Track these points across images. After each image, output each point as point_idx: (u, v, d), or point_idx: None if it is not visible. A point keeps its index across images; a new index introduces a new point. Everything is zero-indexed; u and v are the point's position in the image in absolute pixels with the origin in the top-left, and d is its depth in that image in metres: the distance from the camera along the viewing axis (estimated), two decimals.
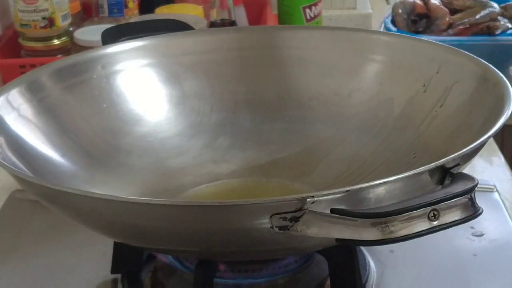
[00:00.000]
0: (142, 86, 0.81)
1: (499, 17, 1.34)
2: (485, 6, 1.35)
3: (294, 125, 0.81)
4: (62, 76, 0.77)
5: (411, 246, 0.71)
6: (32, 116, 0.72)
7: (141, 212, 0.54)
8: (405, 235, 0.50)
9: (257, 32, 0.87)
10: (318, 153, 0.79)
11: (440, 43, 0.79)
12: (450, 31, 1.33)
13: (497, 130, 0.60)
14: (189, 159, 0.79)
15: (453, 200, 0.51)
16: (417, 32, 1.34)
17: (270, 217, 0.52)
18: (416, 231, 0.50)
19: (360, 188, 0.53)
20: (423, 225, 0.50)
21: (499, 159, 0.92)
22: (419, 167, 0.55)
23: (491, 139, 0.86)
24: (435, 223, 0.51)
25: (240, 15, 1.22)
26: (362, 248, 0.72)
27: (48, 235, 0.79)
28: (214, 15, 1.10)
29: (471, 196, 0.52)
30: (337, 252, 0.64)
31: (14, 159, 0.65)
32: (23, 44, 1.16)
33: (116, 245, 0.69)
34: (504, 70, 0.78)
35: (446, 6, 1.37)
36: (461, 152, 0.57)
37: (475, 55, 0.73)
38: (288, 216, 0.52)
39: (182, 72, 0.82)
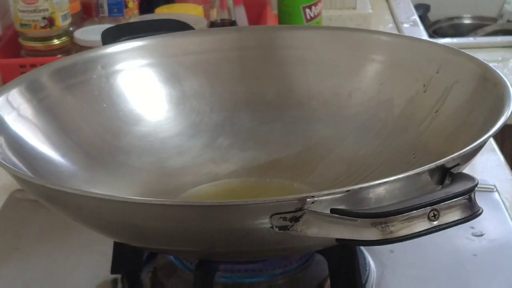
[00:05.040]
0: (142, 86, 0.81)
1: None
2: None
3: (294, 125, 0.81)
4: (62, 76, 0.77)
5: (411, 246, 0.71)
6: (32, 116, 0.72)
7: (141, 212, 0.54)
8: (405, 235, 0.50)
9: (257, 32, 0.87)
10: (318, 153, 0.79)
11: (440, 43, 0.79)
12: None
13: (497, 130, 0.60)
14: (189, 159, 0.79)
15: (453, 200, 0.51)
16: None
17: (270, 217, 0.52)
18: (416, 231, 0.50)
19: (360, 188, 0.53)
20: (423, 225, 0.50)
21: (499, 159, 0.92)
22: (419, 167, 0.55)
23: (491, 139, 0.86)
24: (435, 223, 0.51)
25: (240, 15, 1.22)
26: (362, 248, 0.72)
27: (48, 235, 0.79)
28: (214, 15, 1.10)
29: (471, 196, 0.52)
30: (337, 252, 0.64)
31: (14, 159, 0.65)
32: (23, 44, 1.16)
33: (116, 245, 0.69)
34: None
35: None
36: (461, 152, 0.57)
37: None
38: (288, 216, 0.52)
39: (182, 72, 0.82)
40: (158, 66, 0.82)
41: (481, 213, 0.52)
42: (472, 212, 0.52)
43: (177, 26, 0.86)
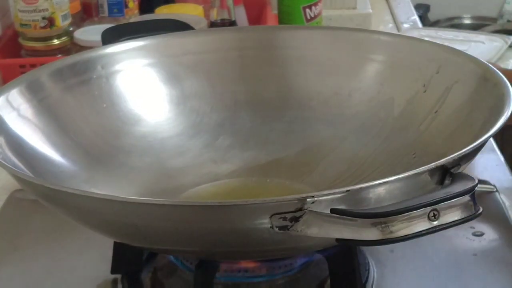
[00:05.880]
0: (142, 86, 0.81)
1: None
2: None
3: (294, 125, 0.81)
4: (62, 76, 0.77)
5: (411, 246, 0.71)
6: (32, 116, 0.72)
7: (141, 212, 0.54)
8: (405, 235, 0.50)
9: (257, 32, 0.87)
10: (318, 153, 0.79)
11: (440, 43, 0.79)
12: None
13: (497, 130, 0.60)
14: (189, 159, 0.79)
15: (453, 200, 0.51)
16: None
17: (270, 217, 0.52)
18: (416, 231, 0.50)
19: (360, 188, 0.53)
20: (423, 225, 0.50)
21: (499, 159, 0.92)
22: (419, 167, 0.55)
23: (491, 139, 0.86)
24: (435, 223, 0.51)
25: (240, 15, 1.22)
26: (362, 248, 0.72)
27: (48, 235, 0.79)
28: (214, 15, 1.10)
29: (471, 196, 0.52)
30: (337, 252, 0.64)
31: (14, 159, 0.65)
32: (23, 44, 1.16)
33: (116, 245, 0.69)
34: None
35: None
36: (461, 152, 0.57)
37: None
38: (288, 216, 0.52)
39: (182, 72, 0.82)
40: (158, 66, 0.82)
41: (481, 213, 0.52)
42: (472, 212, 0.52)
43: (177, 26, 0.86)
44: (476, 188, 0.53)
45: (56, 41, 1.15)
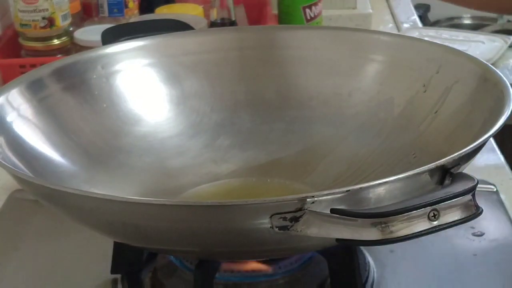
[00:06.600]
0: (142, 86, 0.81)
1: None
2: None
3: (294, 125, 0.81)
4: (62, 76, 0.77)
5: (411, 246, 0.71)
6: (32, 116, 0.72)
7: (141, 212, 0.54)
8: (405, 235, 0.50)
9: (257, 32, 0.87)
10: (318, 153, 0.79)
11: (440, 43, 0.79)
12: None
13: (497, 130, 0.60)
14: (189, 159, 0.79)
15: (453, 200, 0.51)
16: None
17: (270, 217, 0.52)
18: (416, 231, 0.50)
19: (360, 188, 0.53)
20: (423, 225, 0.50)
21: (499, 159, 0.92)
22: (419, 167, 0.55)
23: (491, 139, 0.86)
24: (435, 223, 0.51)
25: (240, 15, 1.22)
26: (362, 248, 0.72)
27: (48, 235, 0.79)
28: (214, 15, 1.10)
29: (471, 196, 0.52)
30: (337, 252, 0.64)
31: (14, 159, 0.65)
32: (23, 44, 1.16)
33: (116, 245, 0.69)
34: None
35: None
36: (461, 152, 0.57)
37: None
38: (288, 216, 0.52)
39: (182, 72, 0.82)
40: (158, 66, 0.82)
41: (481, 213, 0.52)
42: (472, 212, 0.52)
43: (177, 26, 0.86)
44: (476, 188, 0.53)
45: (56, 41, 1.15)
